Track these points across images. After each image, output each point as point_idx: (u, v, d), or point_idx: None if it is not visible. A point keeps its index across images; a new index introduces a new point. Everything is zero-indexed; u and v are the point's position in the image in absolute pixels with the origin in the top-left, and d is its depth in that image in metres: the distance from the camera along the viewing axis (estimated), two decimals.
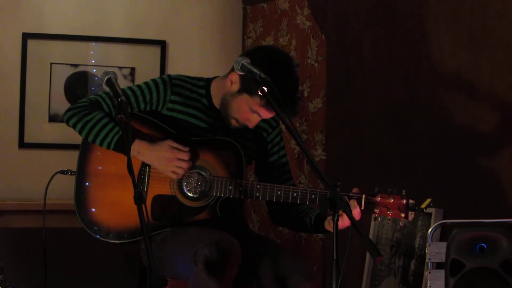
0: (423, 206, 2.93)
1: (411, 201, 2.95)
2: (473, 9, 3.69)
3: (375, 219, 3.02)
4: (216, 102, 3.28)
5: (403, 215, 2.95)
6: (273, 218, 3.39)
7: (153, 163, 3.13)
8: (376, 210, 2.98)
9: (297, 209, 3.28)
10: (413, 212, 2.96)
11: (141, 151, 3.13)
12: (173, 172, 3.12)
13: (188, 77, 3.33)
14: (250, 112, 3.16)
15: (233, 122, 3.22)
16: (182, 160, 3.10)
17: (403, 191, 2.96)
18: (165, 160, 3.10)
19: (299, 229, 3.40)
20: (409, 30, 4.10)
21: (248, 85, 3.11)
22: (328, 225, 3.13)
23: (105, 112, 3.19)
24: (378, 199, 2.98)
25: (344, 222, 2.92)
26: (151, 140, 3.15)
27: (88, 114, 3.16)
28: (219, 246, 2.94)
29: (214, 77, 3.35)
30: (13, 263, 4.67)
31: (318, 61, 4.72)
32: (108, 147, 3.13)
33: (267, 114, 3.15)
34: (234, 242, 3.02)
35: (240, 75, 3.07)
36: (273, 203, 3.27)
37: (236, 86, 3.17)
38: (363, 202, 2.99)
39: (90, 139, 3.16)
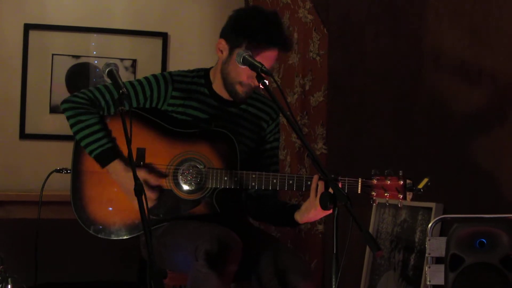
0: (420, 186, 2.89)
1: (408, 181, 2.92)
2: (475, 2, 3.69)
3: (373, 201, 2.97)
4: (217, 87, 3.28)
5: (401, 196, 2.91)
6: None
7: (123, 188, 3.13)
8: (373, 193, 2.94)
9: (273, 201, 3.30)
10: (411, 193, 2.92)
11: (115, 172, 3.13)
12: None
13: (188, 71, 3.33)
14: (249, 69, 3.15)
15: (239, 89, 3.20)
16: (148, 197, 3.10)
17: (400, 171, 2.93)
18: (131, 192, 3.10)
19: (268, 217, 3.36)
20: (411, 24, 4.10)
21: (234, 41, 3.16)
22: (300, 217, 3.10)
23: (100, 115, 3.18)
24: (375, 181, 2.94)
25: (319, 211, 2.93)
26: (127, 163, 3.13)
27: (83, 114, 3.15)
28: (220, 241, 2.93)
29: (211, 67, 3.35)
30: (12, 253, 4.67)
31: (320, 55, 4.71)
32: (89, 154, 3.14)
33: (268, 57, 3.13)
34: (235, 237, 3.01)
35: (226, 40, 3.17)
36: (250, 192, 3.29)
37: (226, 51, 3.19)
38: (359, 185, 2.96)
39: (77, 138, 3.16)
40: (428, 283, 3.33)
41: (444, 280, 3.08)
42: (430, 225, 3.38)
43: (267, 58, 3.13)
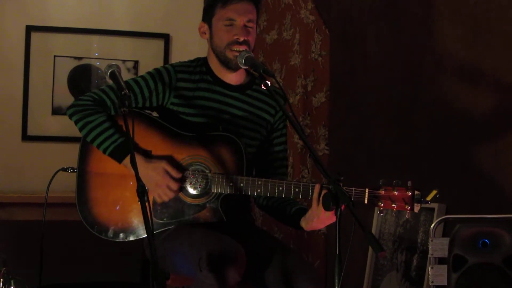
0: (428, 198, 2.85)
1: (416, 192, 2.87)
2: (477, 3, 3.68)
3: (381, 212, 2.93)
4: (215, 68, 3.27)
5: (408, 208, 2.86)
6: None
7: (144, 180, 3.09)
8: (381, 204, 2.88)
9: (281, 198, 3.27)
10: (419, 204, 2.87)
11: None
12: (158, 195, 3.11)
13: (189, 61, 3.33)
14: (228, 27, 3.18)
15: (230, 55, 3.19)
16: (170, 187, 3.09)
17: (409, 182, 2.87)
18: (154, 183, 3.08)
19: (276, 215, 3.33)
20: (413, 24, 4.10)
21: (209, 14, 3.23)
22: (305, 224, 3.08)
23: (108, 114, 3.16)
24: (382, 192, 2.87)
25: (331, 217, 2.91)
26: (147, 155, 3.13)
27: (90, 115, 3.13)
28: (224, 252, 2.92)
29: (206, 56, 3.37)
30: (15, 255, 4.67)
31: (321, 56, 4.71)
32: (104, 152, 3.11)
33: (239, 9, 3.18)
34: (240, 248, 2.99)
35: (203, 20, 3.25)
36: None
37: (207, 29, 3.26)
38: (366, 196, 2.90)
39: (88, 139, 3.14)
40: (431, 283, 3.33)
41: (447, 281, 3.08)
42: (432, 225, 3.38)
43: (239, 10, 3.17)
